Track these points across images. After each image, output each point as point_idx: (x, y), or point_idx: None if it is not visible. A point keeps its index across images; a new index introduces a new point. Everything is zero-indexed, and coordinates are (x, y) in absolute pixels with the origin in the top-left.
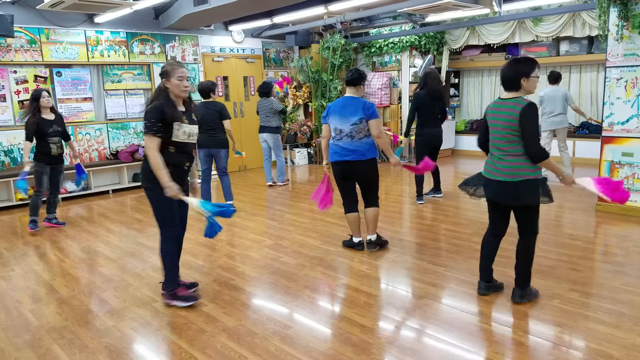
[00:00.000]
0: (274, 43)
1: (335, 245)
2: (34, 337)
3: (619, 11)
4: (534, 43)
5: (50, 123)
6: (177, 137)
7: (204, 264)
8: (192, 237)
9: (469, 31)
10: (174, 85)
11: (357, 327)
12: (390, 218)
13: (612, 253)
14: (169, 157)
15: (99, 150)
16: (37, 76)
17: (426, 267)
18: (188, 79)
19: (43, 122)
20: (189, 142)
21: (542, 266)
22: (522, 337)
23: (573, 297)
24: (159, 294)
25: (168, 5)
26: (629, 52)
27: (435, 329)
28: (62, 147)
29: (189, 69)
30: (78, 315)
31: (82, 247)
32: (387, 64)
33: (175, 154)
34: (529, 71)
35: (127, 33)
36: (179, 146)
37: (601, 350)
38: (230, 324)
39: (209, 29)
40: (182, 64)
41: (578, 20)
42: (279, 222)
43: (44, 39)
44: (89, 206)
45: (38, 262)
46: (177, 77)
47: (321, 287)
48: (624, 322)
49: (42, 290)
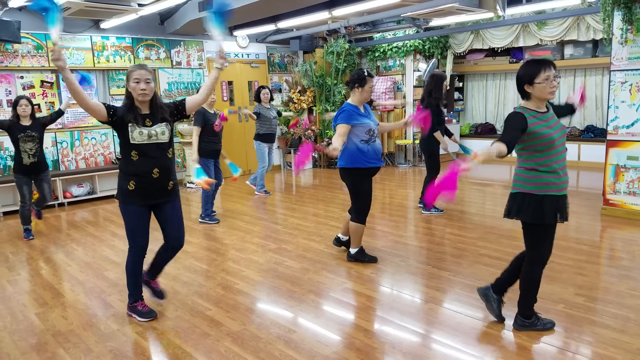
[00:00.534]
0: (278, 48)
1: (339, 249)
2: (40, 341)
3: (623, 14)
4: (539, 47)
5: (24, 128)
6: (133, 139)
7: (208, 268)
8: (196, 241)
9: (473, 35)
10: (130, 88)
11: (361, 332)
12: (395, 222)
13: (618, 257)
14: (132, 166)
15: (105, 155)
16: (44, 82)
17: (431, 272)
18: (147, 81)
19: (17, 127)
20: (151, 142)
21: (548, 270)
22: (526, 342)
23: (579, 302)
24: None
25: (173, 10)
26: (633, 55)
27: (440, 333)
28: (37, 155)
29: (195, 74)
30: (83, 319)
31: (87, 251)
32: (391, 68)
33: (137, 161)
34: (532, 76)
35: (132, 38)
36: (139, 149)
37: (606, 355)
38: (234, 328)
39: None
40: (143, 65)
41: (582, 24)
42: (283, 226)
43: (51, 44)
44: (95, 210)
45: (44, 266)
46: (132, 80)
47: (325, 292)
48: (629, 326)
49: (47, 294)
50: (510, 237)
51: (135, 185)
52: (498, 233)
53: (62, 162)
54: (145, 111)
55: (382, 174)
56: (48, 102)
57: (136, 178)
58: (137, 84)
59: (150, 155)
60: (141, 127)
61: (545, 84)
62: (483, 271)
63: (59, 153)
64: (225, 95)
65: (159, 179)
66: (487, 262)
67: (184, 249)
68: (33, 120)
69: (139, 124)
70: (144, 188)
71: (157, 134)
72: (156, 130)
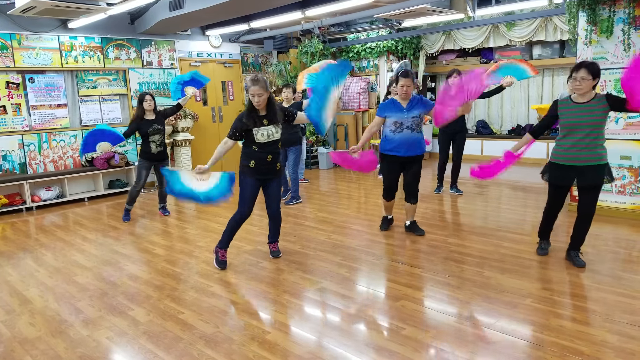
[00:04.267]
0: (252, 48)
1: (314, 249)
2: (6, 349)
3: (587, 16)
4: (508, 47)
5: (150, 123)
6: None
7: (181, 271)
8: (169, 243)
9: (444, 36)
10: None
11: (336, 331)
12: (370, 221)
13: (583, 252)
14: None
15: (74, 157)
16: (9, 82)
17: (403, 269)
18: (259, 95)
19: (144, 123)
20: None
21: (516, 266)
22: (495, 336)
23: (545, 296)
24: (135, 303)
25: (143, 10)
26: (597, 55)
27: (412, 330)
28: (162, 145)
29: (166, 74)
30: (52, 325)
31: (57, 256)
32: (365, 68)
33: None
34: (570, 74)
35: (102, 38)
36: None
37: (572, 347)
38: (207, 330)
39: (186, 33)
40: (256, 80)
41: (550, 25)
42: (258, 227)
43: (16, 44)
44: (64, 214)
45: (10, 273)
46: (250, 94)
47: (300, 292)
48: (594, 319)
49: (14, 301)
50: (480, 234)
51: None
52: (468, 230)
53: (30, 165)
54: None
55: (358, 174)
56: (14, 103)
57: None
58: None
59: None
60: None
61: (570, 81)
62: (453, 267)
63: (27, 156)
64: (199, 96)
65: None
66: (457, 259)
67: (155, 252)
68: (156, 114)
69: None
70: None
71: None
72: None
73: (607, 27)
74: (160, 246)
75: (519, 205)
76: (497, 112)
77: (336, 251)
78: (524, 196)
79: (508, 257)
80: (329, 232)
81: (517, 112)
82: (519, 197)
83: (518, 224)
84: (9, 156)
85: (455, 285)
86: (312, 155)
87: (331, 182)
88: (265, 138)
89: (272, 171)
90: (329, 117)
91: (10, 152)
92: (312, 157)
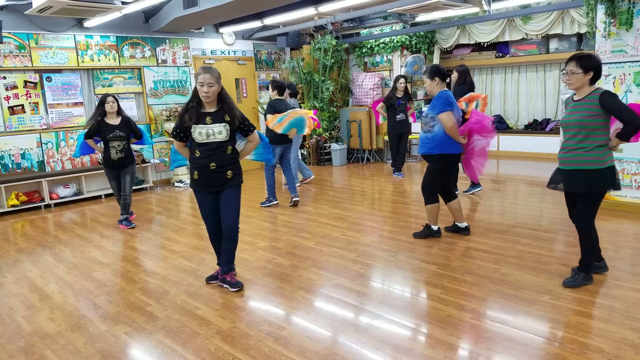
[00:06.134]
0: (265, 45)
1: (329, 245)
2: (27, 344)
3: (606, 8)
4: (524, 41)
5: (112, 128)
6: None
7: (197, 267)
8: (185, 240)
9: (459, 30)
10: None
11: (351, 327)
12: (384, 217)
13: (603, 248)
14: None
15: (91, 155)
16: (27, 82)
17: (419, 266)
18: (209, 84)
19: (105, 126)
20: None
21: (534, 262)
22: (513, 333)
23: (564, 293)
24: (152, 298)
25: (158, 8)
26: (616, 48)
27: (428, 326)
28: (123, 151)
29: (181, 72)
30: (71, 320)
31: (75, 252)
32: (379, 64)
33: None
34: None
35: (117, 37)
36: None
37: (591, 344)
38: (224, 326)
39: (200, 31)
40: (208, 68)
41: (567, 18)
42: (273, 223)
43: (33, 44)
44: (82, 211)
45: (30, 269)
46: (198, 82)
47: (315, 288)
48: (614, 316)
49: (34, 296)
50: (498, 230)
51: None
52: (485, 227)
53: (48, 163)
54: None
55: (371, 170)
56: (32, 102)
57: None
58: (201, 86)
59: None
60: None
61: (563, 76)
62: (470, 264)
63: (45, 154)
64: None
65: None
66: (474, 256)
67: (172, 248)
68: (122, 119)
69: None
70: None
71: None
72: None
73: (626, 19)
74: (176, 242)
75: (535, 201)
76: (513, 106)
77: (351, 247)
78: (541, 192)
79: (526, 253)
80: (343, 229)
81: (534, 107)
82: (535, 193)
83: (536, 220)
84: (27, 154)
85: (472, 282)
86: (325, 152)
87: (344, 179)
88: (203, 138)
89: (222, 182)
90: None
91: (28, 150)
92: (325, 154)
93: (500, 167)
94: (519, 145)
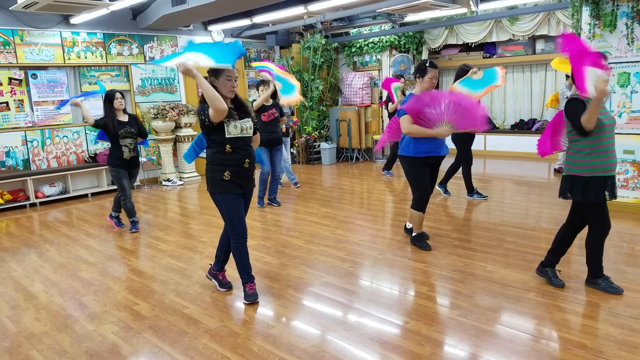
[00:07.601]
0: (254, 43)
1: (318, 244)
2: (12, 344)
3: (591, 10)
4: (511, 42)
5: (123, 124)
6: (229, 134)
7: (185, 266)
8: (173, 239)
9: (447, 30)
10: (221, 84)
11: (340, 325)
12: (373, 216)
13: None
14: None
15: (77, 154)
16: (12, 78)
17: (407, 264)
18: (236, 79)
19: (117, 123)
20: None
21: (520, 260)
22: (499, 329)
23: (549, 290)
24: (139, 297)
25: (146, 5)
26: (601, 49)
27: (416, 323)
28: (135, 150)
29: (169, 69)
30: (57, 320)
31: (61, 251)
32: (368, 63)
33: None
34: None
35: (104, 34)
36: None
37: (575, 340)
38: (212, 325)
39: (188, 29)
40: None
41: (553, 19)
42: (262, 222)
43: (18, 40)
44: (68, 210)
45: (15, 268)
46: (225, 76)
47: (304, 286)
48: (597, 312)
49: (19, 296)
50: (484, 228)
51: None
52: (472, 225)
53: (33, 161)
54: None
55: (361, 169)
56: (17, 99)
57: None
58: (229, 80)
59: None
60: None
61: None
62: (457, 262)
63: (30, 152)
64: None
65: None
66: (461, 254)
67: (160, 247)
68: (128, 115)
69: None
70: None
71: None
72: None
73: (610, 21)
74: (164, 241)
75: (521, 200)
76: (499, 106)
77: (340, 246)
78: (527, 191)
79: (511, 251)
80: (332, 227)
81: (520, 107)
82: (521, 192)
83: (522, 219)
84: (12, 152)
85: (459, 279)
86: (314, 151)
87: (334, 178)
88: (238, 132)
89: (252, 181)
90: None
91: (13, 149)
92: (314, 153)
93: (487, 166)
94: (506, 145)
